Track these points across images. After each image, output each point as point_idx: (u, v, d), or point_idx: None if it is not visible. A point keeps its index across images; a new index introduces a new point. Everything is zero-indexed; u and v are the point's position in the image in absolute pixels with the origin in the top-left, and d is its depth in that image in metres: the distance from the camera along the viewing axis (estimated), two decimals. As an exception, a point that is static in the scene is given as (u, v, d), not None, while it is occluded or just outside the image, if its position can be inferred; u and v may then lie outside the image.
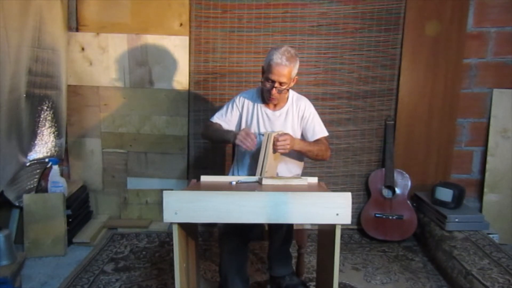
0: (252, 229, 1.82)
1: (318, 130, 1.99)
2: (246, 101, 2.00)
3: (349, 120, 2.80)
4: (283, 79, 1.79)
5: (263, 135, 1.82)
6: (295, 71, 1.83)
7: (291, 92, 2.00)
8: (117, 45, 2.73)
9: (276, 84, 1.81)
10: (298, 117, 1.97)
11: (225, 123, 2.00)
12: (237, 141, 1.77)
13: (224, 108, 2.04)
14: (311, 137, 1.97)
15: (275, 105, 1.96)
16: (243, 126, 1.99)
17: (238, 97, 2.02)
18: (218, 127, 1.99)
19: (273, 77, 1.80)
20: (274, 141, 1.74)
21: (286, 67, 1.77)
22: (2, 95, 2.21)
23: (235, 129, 2.00)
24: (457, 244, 2.27)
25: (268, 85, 1.84)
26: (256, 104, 1.98)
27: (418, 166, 2.81)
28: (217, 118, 2.02)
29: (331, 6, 2.66)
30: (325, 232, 1.51)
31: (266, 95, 1.90)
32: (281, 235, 1.85)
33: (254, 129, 1.97)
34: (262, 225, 1.88)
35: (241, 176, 1.82)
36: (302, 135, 2.01)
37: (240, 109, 2.00)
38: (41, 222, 2.41)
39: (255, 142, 1.78)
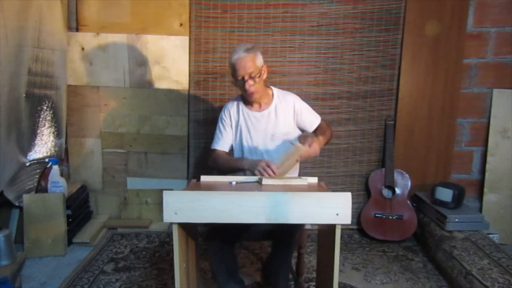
0: (241, 230, 1.78)
1: (314, 119, 1.99)
2: (232, 112, 1.98)
3: (349, 120, 2.80)
4: (250, 69, 1.78)
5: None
6: (259, 59, 1.82)
7: (275, 90, 1.98)
8: (117, 45, 2.73)
9: (246, 77, 1.80)
10: (289, 112, 1.95)
11: (227, 144, 1.98)
12: (257, 172, 1.71)
13: (217, 131, 2.01)
14: (310, 128, 1.97)
15: (260, 105, 1.94)
16: (237, 137, 1.97)
17: (223, 113, 2.00)
18: (226, 157, 1.95)
19: (240, 72, 1.79)
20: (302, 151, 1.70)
21: (247, 57, 1.77)
22: (2, 95, 2.21)
23: (234, 144, 1.99)
24: (457, 244, 2.27)
25: (240, 83, 1.83)
26: (241, 111, 1.96)
27: (418, 166, 2.81)
28: (218, 145, 1.99)
29: (331, 6, 2.66)
30: (325, 232, 1.51)
31: (245, 94, 1.88)
32: (285, 245, 1.79)
33: (245, 136, 1.94)
34: (254, 226, 1.83)
35: (241, 176, 1.82)
36: (299, 128, 1.99)
37: (230, 123, 1.98)
38: (41, 222, 2.41)
39: (276, 172, 1.69)
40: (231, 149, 2.02)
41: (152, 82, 2.79)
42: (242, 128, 1.95)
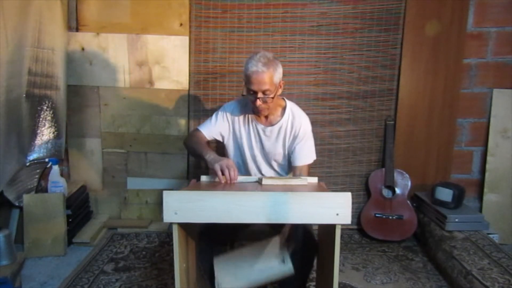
0: (232, 231, 1.74)
1: (303, 155, 1.82)
2: (238, 113, 1.85)
3: (349, 120, 2.80)
4: (265, 87, 1.64)
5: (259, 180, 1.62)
6: (277, 75, 1.68)
7: (288, 104, 1.83)
8: (117, 45, 2.73)
9: (259, 94, 1.65)
10: (291, 136, 1.82)
11: (212, 133, 1.88)
12: (216, 167, 1.57)
13: (213, 118, 1.89)
14: (294, 161, 1.82)
15: (266, 118, 1.82)
16: (231, 139, 1.87)
17: (229, 107, 1.88)
18: (199, 141, 1.82)
19: (254, 87, 1.65)
20: None
21: (264, 73, 1.62)
22: (2, 95, 2.21)
23: (224, 141, 1.90)
24: (457, 244, 2.27)
25: (251, 97, 1.69)
26: (247, 116, 1.84)
27: (418, 166, 2.81)
28: (203, 129, 1.88)
29: (331, 6, 2.66)
30: (325, 232, 1.51)
31: (253, 108, 1.75)
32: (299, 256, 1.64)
33: (244, 145, 1.85)
34: (251, 226, 1.80)
35: (241, 176, 1.81)
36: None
37: (230, 121, 1.86)
38: (41, 222, 2.41)
39: (236, 179, 1.57)
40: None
41: (152, 82, 2.79)
42: (243, 134, 1.86)
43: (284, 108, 1.83)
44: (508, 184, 2.74)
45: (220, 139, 1.91)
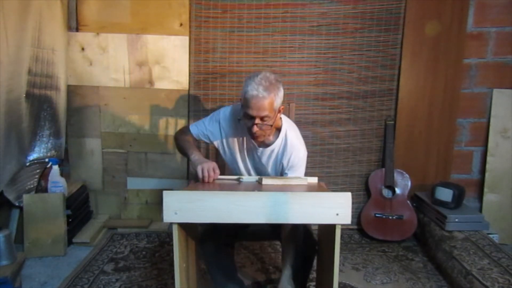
0: (235, 231, 1.74)
1: None
2: (232, 126, 1.76)
3: (349, 120, 2.80)
4: (264, 113, 1.53)
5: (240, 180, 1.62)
6: (278, 100, 1.57)
7: (286, 125, 1.72)
8: (117, 45, 2.73)
9: (257, 120, 1.55)
10: (281, 163, 1.74)
11: (200, 137, 1.83)
12: (198, 168, 1.57)
13: (205, 121, 1.83)
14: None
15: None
16: (225, 147, 1.82)
17: (223, 111, 1.79)
18: (189, 139, 1.80)
19: (252, 112, 1.54)
20: None
21: (265, 99, 1.51)
22: (2, 95, 2.21)
23: (216, 145, 1.83)
24: (457, 244, 2.27)
25: (247, 121, 1.59)
26: (242, 131, 1.74)
27: (418, 166, 2.81)
28: (194, 130, 1.82)
29: (331, 6, 2.66)
30: (325, 232, 1.51)
31: (249, 132, 1.63)
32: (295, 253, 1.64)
33: (241, 158, 1.80)
34: (251, 227, 1.81)
35: (241, 176, 1.82)
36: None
37: (223, 133, 1.78)
38: (41, 222, 2.41)
39: (213, 179, 1.58)
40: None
41: (152, 82, 2.78)
42: (235, 145, 1.80)
43: (279, 129, 1.73)
44: (508, 184, 2.74)
45: (207, 141, 1.86)
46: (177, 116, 2.81)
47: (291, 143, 1.71)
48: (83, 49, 2.75)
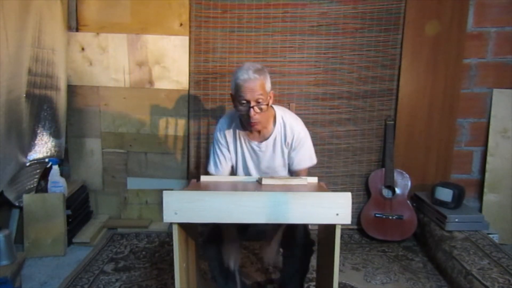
0: (239, 233, 1.74)
1: (303, 159, 1.77)
2: (228, 135, 1.77)
3: (349, 120, 2.80)
4: (258, 94, 1.55)
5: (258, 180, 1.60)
6: (268, 84, 1.60)
7: (278, 112, 1.74)
8: (117, 45, 2.73)
9: (252, 103, 1.56)
10: (286, 145, 1.75)
11: (224, 168, 1.80)
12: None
13: (214, 155, 1.80)
14: (293, 166, 1.78)
15: (259, 133, 1.72)
16: (233, 163, 1.80)
17: (218, 134, 1.78)
18: None
19: (247, 96, 1.55)
20: None
21: (257, 80, 1.55)
22: (2, 95, 2.21)
23: (234, 164, 1.81)
24: (457, 244, 2.27)
25: (243, 108, 1.59)
26: (238, 136, 1.75)
27: (418, 166, 2.81)
28: (214, 168, 1.80)
29: (331, 6, 2.66)
30: (325, 232, 1.51)
31: (246, 121, 1.64)
32: (295, 263, 1.67)
33: (240, 164, 1.79)
34: (253, 227, 1.82)
35: (240, 176, 1.82)
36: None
37: (227, 146, 1.77)
38: (41, 222, 2.41)
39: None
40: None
41: (152, 82, 2.79)
42: (238, 156, 1.79)
43: (274, 118, 1.74)
44: (508, 184, 2.74)
45: (231, 165, 1.83)
46: (177, 116, 2.81)
47: (290, 123, 1.74)
48: (83, 49, 2.75)
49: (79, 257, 2.42)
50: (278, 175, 1.80)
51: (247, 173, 1.82)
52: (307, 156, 1.78)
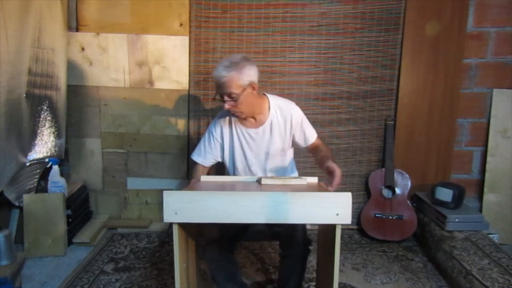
0: (238, 235, 1.76)
1: (309, 135, 1.86)
2: (223, 127, 1.84)
3: (349, 120, 2.80)
4: (227, 90, 1.63)
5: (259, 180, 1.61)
6: (244, 76, 1.63)
7: (271, 99, 1.81)
8: (117, 45, 2.73)
9: (225, 98, 1.65)
10: (286, 127, 1.81)
11: (207, 160, 1.89)
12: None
13: (202, 144, 1.90)
14: (304, 143, 1.86)
15: (255, 120, 1.80)
16: (226, 155, 1.87)
17: (213, 127, 1.87)
18: (194, 172, 1.90)
19: (219, 90, 1.66)
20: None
21: (225, 77, 1.60)
22: (2, 95, 2.21)
23: (221, 160, 1.90)
24: (457, 244, 2.27)
25: (220, 102, 1.70)
26: (234, 127, 1.83)
27: (418, 166, 2.81)
28: (197, 156, 1.90)
29: (331, 6, 2.66)
30: (325, 232, 1.51)
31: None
32: (293, 250, 1.70)
33: (239, 155, 1.84)
34: (252, 228, 1.82)
35: (240, 177, 1.82)
36: (292, 141, 1.88)
37: (220, 139, 1.86)
38: (41, 222, 2.41)
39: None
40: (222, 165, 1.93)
41: (152, 82, 2.79)
42: (235, 146, 1.84)
43: (268, 106, 1.81)
44: (508, 184, 2.74)
45: (219, 160, 1.91)
46: (177, 116, 2.81)
47: (286, 106, 1.82)
48: (83, 49, 2.75)
49: (79, 257, 2.42)
50: (277, 159, 1.86)
51: (244, 162, 1.85)
52: (311, 128, 1.87)
